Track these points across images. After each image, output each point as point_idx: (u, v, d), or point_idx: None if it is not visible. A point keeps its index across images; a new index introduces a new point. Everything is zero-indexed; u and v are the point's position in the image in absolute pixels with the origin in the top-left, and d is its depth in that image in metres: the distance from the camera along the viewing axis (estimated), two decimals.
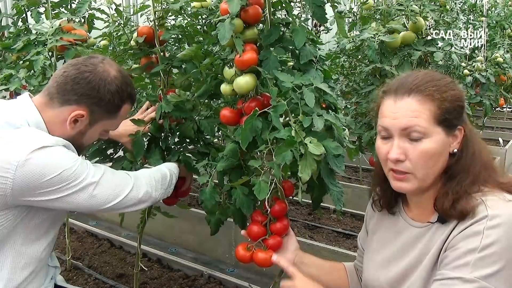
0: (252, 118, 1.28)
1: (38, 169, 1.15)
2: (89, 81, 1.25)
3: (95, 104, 1.27)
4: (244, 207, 1.40)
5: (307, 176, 1.17)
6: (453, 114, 1.01)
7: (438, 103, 0.99)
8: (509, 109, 7.08)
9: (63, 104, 1.26)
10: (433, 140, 0.99)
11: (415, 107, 1.00)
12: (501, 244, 0.90)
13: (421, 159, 1.00)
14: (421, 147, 0.99)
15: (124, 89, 1.31)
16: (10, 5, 3.08)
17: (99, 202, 1.26)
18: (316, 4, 1.34)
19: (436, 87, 1.00)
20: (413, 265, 1.04)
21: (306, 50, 1.38)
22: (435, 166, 1.02)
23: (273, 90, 1.29)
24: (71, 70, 1.26)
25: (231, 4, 1.28)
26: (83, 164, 1.24)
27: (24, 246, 1.25)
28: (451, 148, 1.02)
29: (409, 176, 1.03)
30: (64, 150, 1.22)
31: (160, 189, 1.44)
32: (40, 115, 1.26)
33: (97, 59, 1.30)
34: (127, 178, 1.35)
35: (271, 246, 1.32)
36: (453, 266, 0.94)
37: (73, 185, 1.21)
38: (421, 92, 1.00)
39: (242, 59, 1.34)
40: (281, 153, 1.19)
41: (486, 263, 0.90)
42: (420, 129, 0.99)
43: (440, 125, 1.00)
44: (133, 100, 1.39)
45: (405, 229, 1.11)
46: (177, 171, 1.57)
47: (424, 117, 0.99)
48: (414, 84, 1.01)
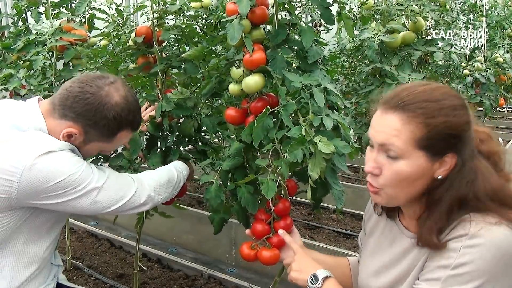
0: (263, 116, 1.29)
1: (43, 174, 1.16)
2: (88, 103, 1.24)
3: (90, 126, 1.26)
4: (250, 206, 1.41)
5: (316, 174, 1.18)
6: (441, 142, 0.94)
7: (422, 128, 0.92)
8: (509, 109, 7.09)
9: (61, 117, 1.26)
10: (409, 163, 0.94)
11: (395, 125, 0.94)
12: (475, 265, 0.88)
13: (393, 179, 0.96)
14: (394, 167, 0.95)
15: (124, 116, 1.28)
16: (10, 5, 3.08)
17: (102, 206, 1.27)
18: (324, 5, 1.35)
19: (425, 110, 0.93)
20: (401, 278, 1.03)
21: (314, 51, 1.39)
22: (408, 188, 0.97)
23: (282, 89, 1.30)
24: (75, 87, 1.26)
25: (241, 5, 1.29)
26: (88, 169, 1.24)
27: (26, 245, 1.25)
28: (436, 174, 0.96)
29: (380, 192, 1.00)
30: (70, 154, 1.23)
31: (164, 193, 1.44)
32: (45, 121, 1.26)
33: (105, 81, 1.28)
34: (130, 182, 1.35)
35: (275, 244, 1.33)
36: (426, 278, 0.95)
37: (78, 190, 1.21)
38: (407, 111, 0.94)
39: (252, 59, 1.34)
40: (292, 151, 1.20)
41: (457, 281, 0.89)
42: (396, 149, 0.94)
43: (423, 150, 0.93)
44: (134, 128, 1.37)
45: (399, 237, 1.10)
46: (186, 172, 1.57)
47: (403, 138, 0.93)
48: (404, 101, 0.95)
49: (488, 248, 0.89)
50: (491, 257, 0.89)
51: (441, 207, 0.96)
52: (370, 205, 1.26)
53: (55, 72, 1.95)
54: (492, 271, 0.89)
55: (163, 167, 1.54)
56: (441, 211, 0.96)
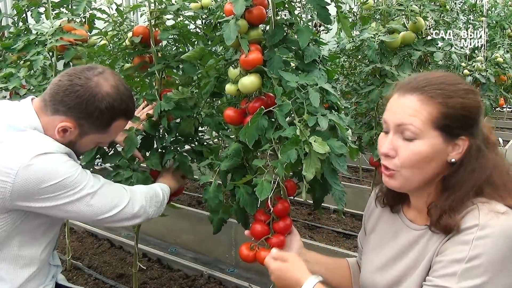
0: (258, 116, 1.29)
1: (38, 175, 1.15)
2: (78, 95, 1.22)
3: (83, 119, 1.25)
4: (248, 206, 1.41)
5: (311, 175, 1.18)
6: (456, 122, 0.97)
7: (440, 107, 0.96)
8: (509, 109, 7.09)
9: (54, 113, 1.25)
10: (426, 143, 0.97)
11: (414, 105, 0.98)
12: (488, 256, 0.89)
13: (409, 159, 0.98)
14: (411, 147, 0.98)
15: (116, 106, 1.27)
16: (10, 5, 3.08)
17: (95, 212, 1.26)
18: (321, 5, 1.35)
19: (443, 91, 0.97)
20: (409, 270, 1.03)
21: (310, 50, 1.38)
22: (423, 169, 0.99)
23: (278, 89, 1.30)
24: (64, 81, 1.24)
25: (236, 5, 1.28)
26: (83, 174, 1.24)
27: (23, 248, 1.25)
28: (449, 157, 0.99)
29: (395, 174, 1.02)
30: (66, 158, 1.22)
31: (153, 206, 1.43)
32: (39, 119, 1.25)
33: (93, 72, 1.26)
34: (123, 192, 1.34)
35: (274, 244, 1.32)
36: (441, 274, 0.95)
37: (71, 193, 1.21)
38: (425, 92, 0.98)
39: (248, 59, 1.34)
40: (286, 152, 1.19)
41: (473, 274, 0.90)
42: (413, 128, 0.97)
43: (439, 130, 0.97)
44: (128, 116, 1.35)
45: (402, 231, 1.10)
46: (168, 191, 1.56)
47: (421, 118, 0.96)
48: (422, 84, 0.99)
49: (499, 237, 0.90)
50: (503, 247, 0.90)
51: (457, 192, 0.98)
52: (371, 202, 1.26)
53: (55, 72, 1.95)
54: (505, 261, 0.90)
55: (148, 186, 1.52)
56: (456, 196, 0.98)
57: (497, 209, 0.94)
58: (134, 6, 1.83)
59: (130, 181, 1.61)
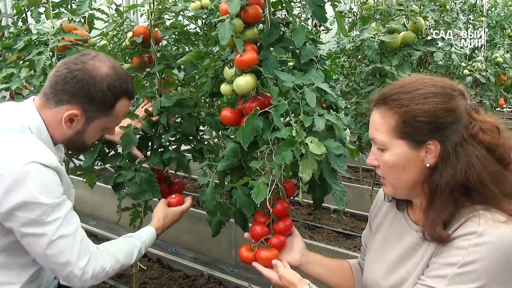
0: (253, 117, 1.28)
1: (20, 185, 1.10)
2: (78, 80, 1.21)
3: (87, 103, 1.24)
4: (245, 208, 1.40)
5: (307, 176, 1.17)
6: (416, 129, 0.98)
7: (396, 117, 0.99)
8: (509, 109, 7.07)
9: (57, 104, 1.23)
10: (392, 153, 1.01)
11: (376, 120, 1.04)
12: (482, 263, 0.90)
13: (385, 168, 1.05)
14: (383, 157, 1.04)
15: (117, 85, 1.26)
16: (10, 5, 3.08)
17: (50, 252, 1.15)
18: (316, 3, 1.34)
19: (397, 101, 1.00)
20: (410, 272, 1.04)
21: (307, 50, 1.38)
22: (402, 177, 1.03)
23: (274, 89, 1.29)
24: (62, 70, 1.23)
25: (230, 4, 1.28)
26: (62, 207, 1.16)
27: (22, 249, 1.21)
28: (425, 162, 1.00)
29: (385, 181, 1.09)
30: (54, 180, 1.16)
31: (117, 269, 1.31)
32: (41, 116, 1.24)
33: (88, 56, 1.26)
34: (85, 251, 1.21)
35: (274, 245, 1.31)
36: (433, 275, 0.96)
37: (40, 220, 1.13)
38: (383, 104, 1.02)
39: (242, 59, 1.34)
40: (281, 153, 1.18)
41: (463, 279, 0.91)
42: (379, 142, 1.03)
43: (402, 139, 1.00)
44: (130, 96, 1.33)
45: (407, 232, 1.10)
46: (152, 240, 1.44)
47: (383, 131, 1.02)
48: (382, 96, 1.04)
49: (496, 247, 0.90)
50: (499, 256, 0.90)
51: (440, 195, 0.98)
52: (378, 198, 1.26)
53: None
54: (499, 270, 0.90)
55: (126, 241, 1.37)
56: (442, 200, 0.98)
57: (497, 218, 0.94)
58: (133, 5, 1.83)
59: (133, 182, 1.61)
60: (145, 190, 1.64)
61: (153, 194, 1.65)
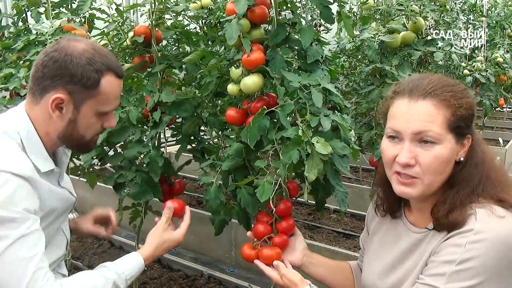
0: (259, 117, 1.28)
1: None
2: (56, 60, 1.14)
3: (70, 83, 1.15)
4: (249, 207, 1.40)
5: (313, 176, 1.17)
6: (465, 122, 0.99)
7: (453, 110, 0.97)
8: (509, 109, 7.08)
9: (42, 94, 1.16)
10: (444, 147, 0.97)
11: (430, 111, 0.97)
12: (480, 260, 0.90)
13: (432, 165, 0.97)
14: (433, 153, 0.97)
15: (98, 60, 1.17)
16: (10, 5, 3.08)
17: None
18: (323, 4, 1.34)
19: (452, 93, 0.98)
20: (410, 273, 1.04)
21: (313, 50, 1.38)
22: (443, 173, 0.99)
23: (280, 89, 1.29)
24: (39, 58, 1.18)
25: (238, 4, 1.28)
26: (19, 226, 1.04)
27: None
28: (458, 157, 1.00)
29: (417, 181, 1.00)
30: (24, 190, 1.07)
31: None
32: (29, 117, 1.18)
33: (64, 39, 1.20)
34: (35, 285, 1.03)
35: (277, 244, 1.31)
36: (431, 273, 0.96)
37: None
38: (437, 96, 0.97)
39: (250, 59, 1.34)
40: (288, 152, 1.18)
41: (462, 277, 0.91)
42: (433, 134, 0.96)
43: (452, 132, 0.98)
44: (115, 71, 1.21)
45: (404, 234, 1.10)
46: (137, 271, 1.23)
47: (438, 123, 0.96)
48: (430, 88, 0.98)
49: (493, 243, 0.90)
50: (497, 252, 0.90)
51: (465, 187, 0.99)
52: (372, 206, 1.25)
53: None
54: (498, 267, 0.90)
55: (96, 282, 1.14)
56: (464, 192, 0.99)
57: (496, 213, 0.94)
58: (133, 5, 1.83)
59: (134, 182, 1.60)
60: (146, 191, 1.63)
61: (155, 195, 1.65)
